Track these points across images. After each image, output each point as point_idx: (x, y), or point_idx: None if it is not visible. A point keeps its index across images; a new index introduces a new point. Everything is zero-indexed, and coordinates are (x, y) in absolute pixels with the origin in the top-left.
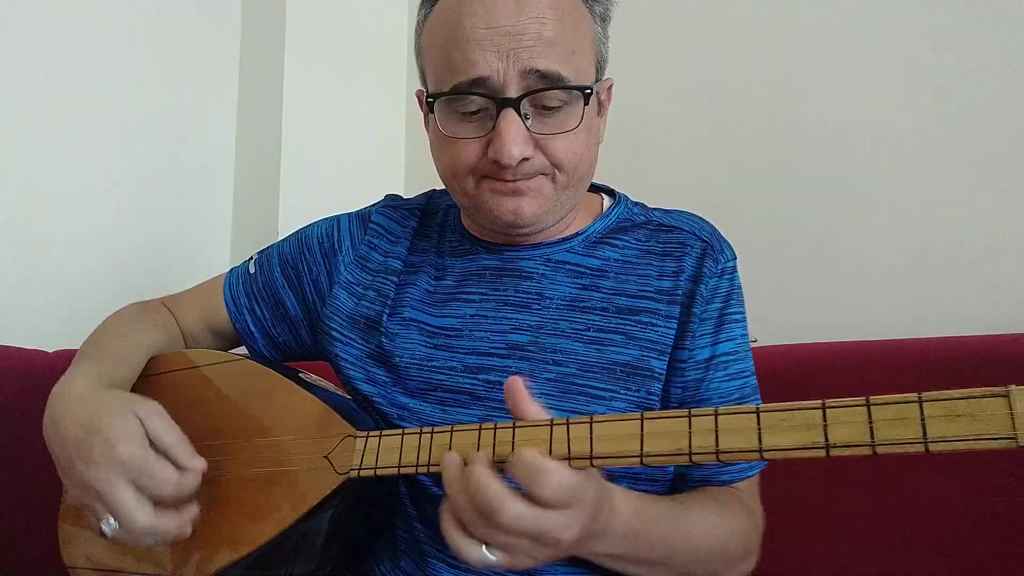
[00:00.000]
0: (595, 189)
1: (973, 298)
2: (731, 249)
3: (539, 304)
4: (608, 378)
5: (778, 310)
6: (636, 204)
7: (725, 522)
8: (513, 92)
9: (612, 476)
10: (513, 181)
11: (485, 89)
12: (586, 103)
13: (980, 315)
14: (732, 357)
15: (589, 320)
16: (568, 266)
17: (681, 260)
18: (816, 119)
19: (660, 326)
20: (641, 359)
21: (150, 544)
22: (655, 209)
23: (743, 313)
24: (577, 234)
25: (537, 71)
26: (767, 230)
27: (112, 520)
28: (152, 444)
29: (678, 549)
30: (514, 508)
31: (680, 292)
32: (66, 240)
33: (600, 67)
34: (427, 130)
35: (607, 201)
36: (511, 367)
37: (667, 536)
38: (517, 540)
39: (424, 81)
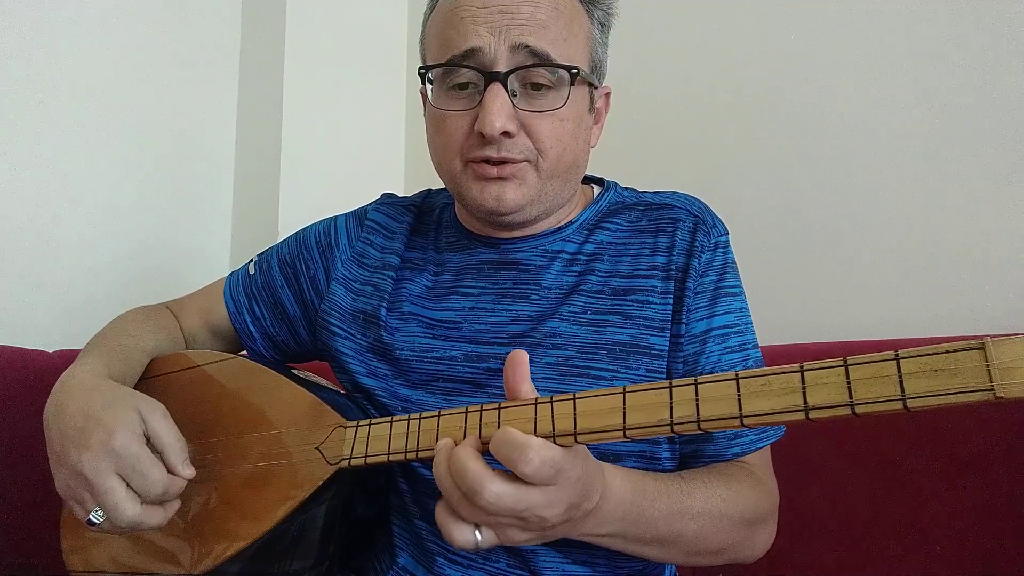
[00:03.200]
0: (586, 180)
1: (973, 298)
2: (723, 224)
3: (537, 295)
4: (608, 358)
5: (777, 310)
6: (626, 188)
7: (732, 494)
8: (502, 67)
9: (619, 455)
10: (497, 164)
11: (475, 63)
12: (572, 83)
13: (980, 315)
14: (731, 330)
15: (586, 303)
16: (564, 255)
17: (673, 235)
18: (815, 121)
19: (656, 303)
20: (640, 337)
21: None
22: (645, 192)
23: (739, 287)
24: (571, 222)
25: (527, 47)
26: (767, 230)
27: (99, 512)
28: (149, 442)
29: (683, 526)
30: (493, 487)
31: (674, 267)
32: (66, 240)
33: (596, 68)
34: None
35: (597, 190)
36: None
37: (670, 513)
38: (503, 519)
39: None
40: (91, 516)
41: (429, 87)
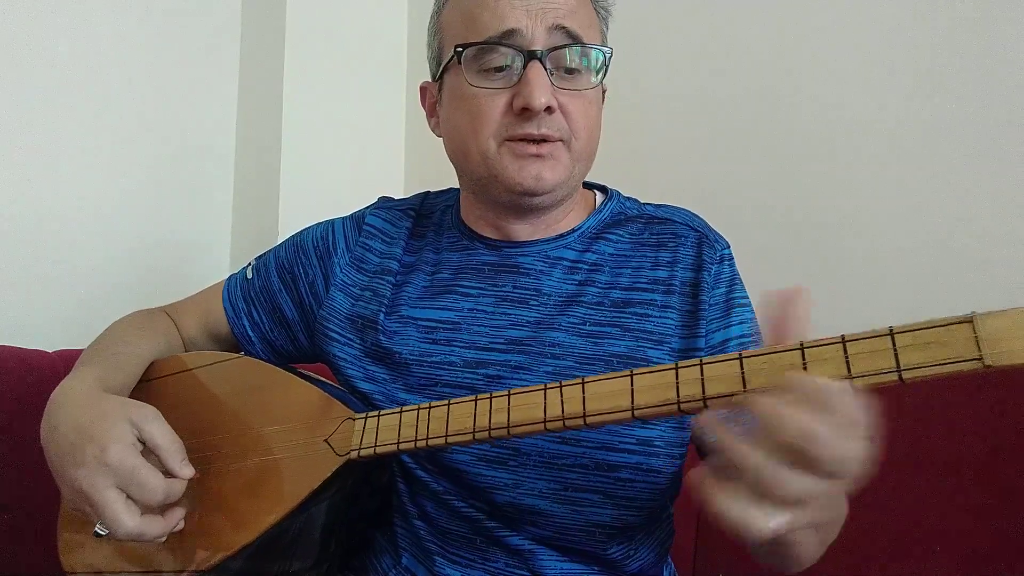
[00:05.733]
0: (588, 187)
1: (974, 297)
2: (723, 238)
3: (537, 300)
4: (606, 370)
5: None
6: (628, 199)
7: None
8: (540, 46)
9: (613, 466)
10: (537, 143)
11: (513, 43)
12: (606, 65)
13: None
14: (747, 339)
15: (586, 314)
16: (565, 262)
17: (676, 251)
18: (816, 117)
19: (655, 316)
20: (637, 349)
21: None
22: (647, 204)
23: (748, 297)
24: (573, 230)
25: (563, 28)
26: (769, 229)
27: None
28: (145, 449)
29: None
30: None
31: (678, 281)
32: (66, 240)
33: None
34: (434, 116)
35: (599, 197)
36: (511, 361)
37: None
38: (818, 484)
39: (437, 67)
40: (97, 528)
41: (457, 69)
